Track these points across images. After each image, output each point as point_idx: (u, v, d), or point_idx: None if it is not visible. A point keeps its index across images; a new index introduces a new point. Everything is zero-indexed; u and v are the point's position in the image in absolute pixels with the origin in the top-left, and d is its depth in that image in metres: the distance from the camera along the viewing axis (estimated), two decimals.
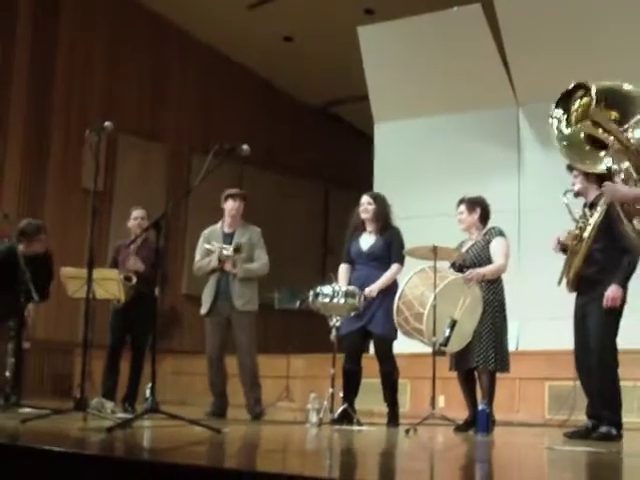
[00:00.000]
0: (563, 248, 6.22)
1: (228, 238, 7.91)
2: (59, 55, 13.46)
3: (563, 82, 4.64)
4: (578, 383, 6.44)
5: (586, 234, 6.02)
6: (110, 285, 7.79)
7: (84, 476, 3.43)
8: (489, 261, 6.94)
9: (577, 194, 6.22)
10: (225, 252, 7.67)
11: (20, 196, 12.72)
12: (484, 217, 7.15)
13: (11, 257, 7.64)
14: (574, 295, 6.28)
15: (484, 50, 11.15)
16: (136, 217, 8.50)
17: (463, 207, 7.15)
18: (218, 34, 14.77)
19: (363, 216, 7.41)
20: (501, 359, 6.80)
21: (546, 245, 6.38)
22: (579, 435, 5.98)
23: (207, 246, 7.85)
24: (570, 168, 6.14)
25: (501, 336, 6.85)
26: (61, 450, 3.64)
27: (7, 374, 7.50)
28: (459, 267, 7.04)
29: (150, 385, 5.57)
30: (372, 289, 7.16)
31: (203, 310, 7.90)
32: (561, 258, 6.27)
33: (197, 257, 8.01)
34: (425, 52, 11.74)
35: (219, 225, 8.06)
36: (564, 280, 6.21)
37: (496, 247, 6.98)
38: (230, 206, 7.97)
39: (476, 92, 11.45)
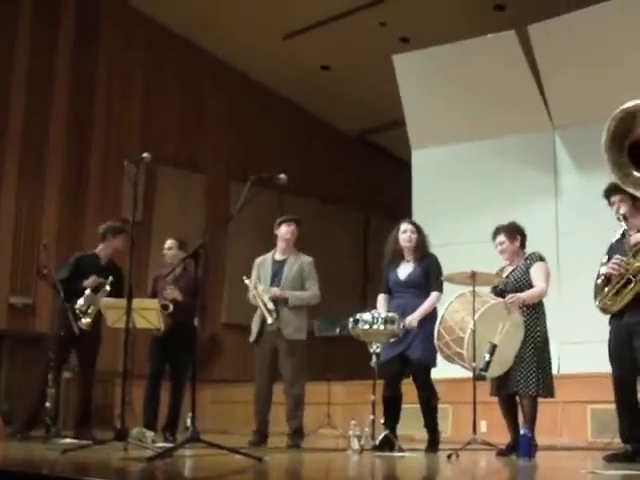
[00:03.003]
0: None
1: (277, 265, 7.92)
2: (97, 88, 13.67)
3: (598, 106, 4.63)
4: None
5: None
6: (150, 315, 7.82)
7: None
8: (530, 286, 6.85)
9: (625, 218, 5.91)
10: (268, 321, 7.65)
11: (60, 226, 12.86)
12: (524, 243, 7.09)
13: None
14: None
15: (519, 75, 11.16)
16: (170, 247, 8.52)
17: (503, 237, 7.01)
18: (254, 64, 14.91)
19: (406, 244, 7.37)
20: (544, 384, 6.69)
21: (585, 268, 6.30)
22: (619, 459, 5.82)
23: (252, 293, 7.82)
24: (609, 193, 6.02)
25: (543, 361, 6.75)
26: None
27: (48, 404, 7.55)
28: (500, 292, 6.98)
29: (191, 414, 5.59)
30: (413, 318, 7.13)
31: (251, 338, 7.88)
32: None
33: (251, 287, 7.88)
34: (460, 79, 11.77)
35: (271, 253, 8.07)
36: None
37: (536, 272, 6.88)
38: (284, 230, 7.95)
39: (512, 117, 11.45)
